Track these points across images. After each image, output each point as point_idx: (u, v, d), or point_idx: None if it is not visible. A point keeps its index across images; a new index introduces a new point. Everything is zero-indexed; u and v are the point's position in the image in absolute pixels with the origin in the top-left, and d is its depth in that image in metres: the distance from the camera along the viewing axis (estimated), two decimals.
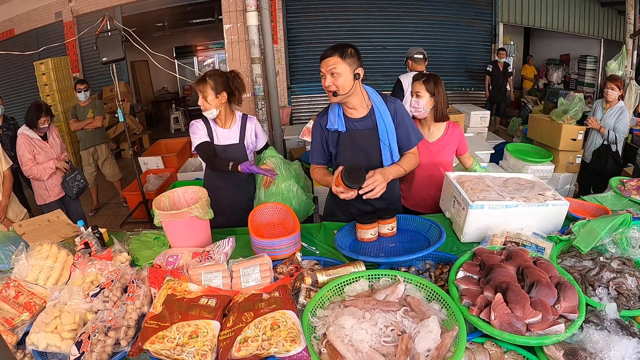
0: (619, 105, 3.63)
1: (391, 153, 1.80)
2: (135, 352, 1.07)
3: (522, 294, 1.09)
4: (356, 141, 1.79)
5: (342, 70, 1.62)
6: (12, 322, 1.24)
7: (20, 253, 1.49)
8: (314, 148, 1.89)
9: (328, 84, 1.65)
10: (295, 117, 7.18)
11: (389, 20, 7.03)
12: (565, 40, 8.11)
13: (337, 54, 1.62)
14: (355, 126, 1.78)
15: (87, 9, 6.85)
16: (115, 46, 4.00)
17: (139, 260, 1.66)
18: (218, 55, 10.94)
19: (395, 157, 1.82)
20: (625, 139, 5.03)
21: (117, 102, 4.55)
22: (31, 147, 3.12)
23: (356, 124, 1.78)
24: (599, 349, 1.02)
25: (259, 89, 3.01)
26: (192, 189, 1.87)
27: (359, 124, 1.78)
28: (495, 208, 1.58)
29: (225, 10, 2.96)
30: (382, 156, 1.79)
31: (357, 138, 1.78)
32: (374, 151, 1.79)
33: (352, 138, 1.78)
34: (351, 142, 1.79)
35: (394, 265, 1.47)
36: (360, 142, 1.79)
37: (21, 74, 7.30)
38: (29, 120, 3.16)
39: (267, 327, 1.04)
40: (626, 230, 1.42)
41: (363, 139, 1.78)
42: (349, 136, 1.78)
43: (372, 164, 1.77)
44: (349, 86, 1.66)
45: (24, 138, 3.11)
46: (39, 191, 3.25)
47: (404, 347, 0.99)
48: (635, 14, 5.33)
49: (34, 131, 3.17)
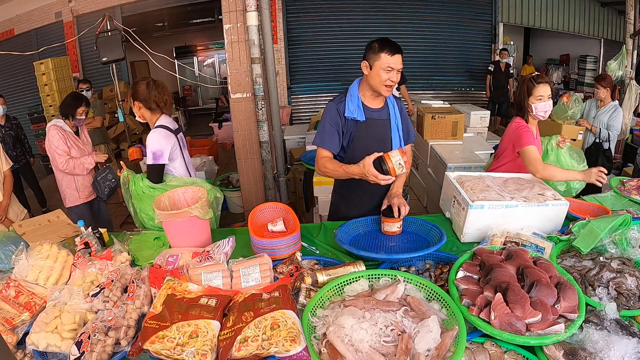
0: (612, 104, 3.71)
1: (400, 144, 1.86)
2: (135, 352, 1.07)
3: (522, 294, 1.09)
4: (371, 131, 1.81)
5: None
6: (12, 322, 1.24)
7: (20, 253, 1.49)
8: (327, 132, 1.78)
9: (395, 80, 1.68)
10: (295, 117, 7.19)
11: (389, 20, 7.03)
12: (565, 40, 8.11)
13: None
14: (373, 116, 1.81)
15: (87, 9, 6.84)
16: (115, 46, 4.00)
17: (139, 260, 1.66)
18: (218, 55, 10.93)
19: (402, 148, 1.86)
20: (625, 139, 5.05)
21: (117, 102, 4.55)
22: (65, 139, 2.81)
23: (374, 114, 1.81)
24: (598, 349, 1.02)
25: (259, 89, 3.01)
26: (192, 189, 1.87)
27: (376, 114, 1.81)
28: (495, 208, 1.58)
29: (225, 10, 2.95)
30: (392, 146, 1.84)
31: (374, 128, 1.81)
32: (385, 141, 1.84)
33: (368, 127, 1.80)
34: (367, 131, 1.80)
35: (394, 265, 1.47)
36: (375, 132, 1.82)
37: (21, 74, 7.30)
38: (65, 110, 2.87)
39: (267, 326, 1.04)
40: (626, 230, 1.42)
41: (378, 129, 1.82)
42: (366, 126, 1.79)
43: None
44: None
45: (56, 129, 2.79)
46: (68, 191, 2.93)
47: (404, 346, 0.99)
48: (635, 14, 5.33)
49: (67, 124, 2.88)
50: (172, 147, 2.13)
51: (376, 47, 1.66)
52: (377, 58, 1.66)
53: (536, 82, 2.04)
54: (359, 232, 1.77)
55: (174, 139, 2.16)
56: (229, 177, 4.65)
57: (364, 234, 1.77)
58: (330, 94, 7.32)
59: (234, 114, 3.20)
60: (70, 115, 2.87)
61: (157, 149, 2.05)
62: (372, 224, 1.80)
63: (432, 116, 3.95)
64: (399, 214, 1.67)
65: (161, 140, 2.07)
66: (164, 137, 2.09)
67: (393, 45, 1.65)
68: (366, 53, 1.70)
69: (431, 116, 3.95)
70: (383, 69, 1.65)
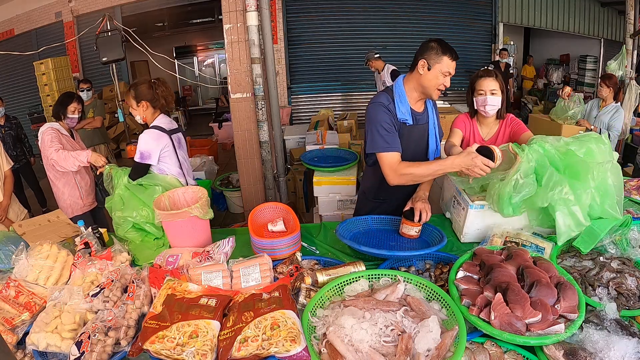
0: (614, 105, 3.70)
1: (437, 147, 1.84)
2: (135, 352, 1.07)
3: (522, 294, 1.09)
4: (413, 135, 1.76)
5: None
6: (12, 322, 1.24)
7: (20, 253, 1.49)
8: (389, 135, 1.64)
9: (448, 85, 1.64)
10: (295, 117, 7.19)
11: (389, 20, 7.03)
12: (565, 40, 8.11)
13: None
14: (417, 120, 1.75)
15: (87, 9, 6.85)
16: (115, 46, 4.01)
17: (139, 260, 1.66)
18: (218, 55, 10.94)
19: (438, 152, 1.85)
20: (625, 139, 5.04)
21: (117, 102, 4.56)
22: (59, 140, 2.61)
23: (418, 118, 1.76)
24: (598, 349, 1.02)
25: (259, 89, 3.01)
26: (192, 189, 1.88)
27: (420, 118, 1.77)
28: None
29: (225, 10, 2.95)
30: (429, 150, 1.82)
31: (416, 132, 1.77)
32: (422, 145, 1.81)
33: (412, 131, 1.74)
34: (409, 135, 1.73)
35: (394, 265, 1.47)
36: (416, 136, 1.78)
37: (21, 74, 7.31)
38: (57, 110, 2.73)
39: (267, 326, 1.04)
40: (626, 230, 1.42)
41: (419, 133, 1.78)
42: (410, 130, 1.73)
43: (419, 157, 1.79)
44: None
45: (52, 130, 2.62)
46: (72, 200, 2.75)
47: (404, 347, 0.99)
48: (635, 14, 5.33)
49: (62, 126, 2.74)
50: (163, 147, 2.12)
51: (438, 48, 1.59)
52: (439, 60, 1.58)
53: (479, 75, 1.98)
54: (359, 230, 1.77)
55: (167, 140, 2.14)
56: (229, 177, 4.65)
57: (364, 231, 1.77)
58: (330, 94, 7.34)
59: (234, 114, 3.20)
60: (62, 114, 2.73)
61: (145, 150, 2.06)
62: (373, 223, 1.80)
63: None
64: (419, 218, 1.65)
65: (150, 142, 2.07)
66: (154, 139, 2.09)
67: (454, 51, 1.61)
68: (424, 52, 1.61)
69: None
70: (442, 72, 1.60)
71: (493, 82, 1.93)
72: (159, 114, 2.19)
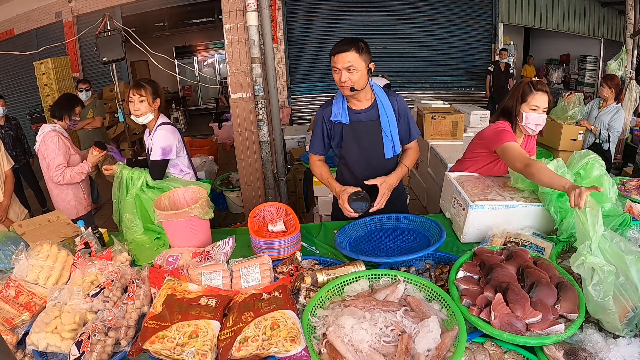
0: (615, 105, 3.71)
1: (393, 145, 1.85)
2: (135, 352, 1.07)
3: (522, 294, 1.09)
4: (359, 132, 1.82)
5: (358, 65, 1.63)
6: (12, 322, 1.24)
7: (20, 253, 1.49)
8: (315, 138, 1.92)
9: (344, 79, 1.65)
10: (295, 117, 7.18)
11: (389, 20, 7.03)
12: (565, 40, 8.11)
13: (354, 49, 1.61)
14: (359, 117, 1.81)
15: (87, 9, 6.84)
16: (115, 46, 4.00)
17: (139, 260, 1.66)
18: (218, 55, 10.94)
19: (397, 149, 1.88)
20: (625, 138, 5.05)
21: (117, 102, 4.55)
22: (66, 148, 2.58)
23: (360, 116, 1.81)
24: (598, 349, 1.02)
25: (259, 89, 3.01)
26: (192, 189, 1.87)
27: (363, 115, 1.81)
28: (495, 208, 1.58)
29: (225, 10, 2.95)
30: (384, 148, 1.84)
31: (361, 129, 1.82)
32: (376, 142, 1.84)
33: (355, 130, 1.82)
34: (354, 133, 1.82)
35: (394, 265, 1.47)
36: (363, 134, 1.82)
37: (21, 74, 7.30)
38: (60, 110, 2.64)
39: (267, 327, 1.04)
40: (626, 230, 1.42)
41: (366, 130, 1.82)
42: (352, 128, 1.81)
43: (375, 155, 1.86)
44: (365, 81, 1.69)
45: (57, 136, 2.52)
46: (77, 200, 2.73)
47: (404, 347, 0.99)
48: (635, 14, 5.33)
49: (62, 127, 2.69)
50: (178, 141, 2.21)
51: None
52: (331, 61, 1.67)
53: (534, 88, 1.75)
54: (359, 233, 1.77)
55: (178, 133, 2.24)
56: (229, 177, 4.65)
57: (364, 235, 1.76)
58: (330, 94, 7.29)
59: (234, 114, 3.20)
60: (67, 115, 2.70)
61: (166, 145, 2.12)
62: (372, 224, 1.80)
63: (432, 116, 3.96)
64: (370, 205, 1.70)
65: (169, 136, 2.14)
66: (171, 133, 2.17)
67: (337, 45, 1.64)
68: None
69: (431, 116, 3.95)
70: (334, 71, 1.67)
71: (547, 100, 1.76)
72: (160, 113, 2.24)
